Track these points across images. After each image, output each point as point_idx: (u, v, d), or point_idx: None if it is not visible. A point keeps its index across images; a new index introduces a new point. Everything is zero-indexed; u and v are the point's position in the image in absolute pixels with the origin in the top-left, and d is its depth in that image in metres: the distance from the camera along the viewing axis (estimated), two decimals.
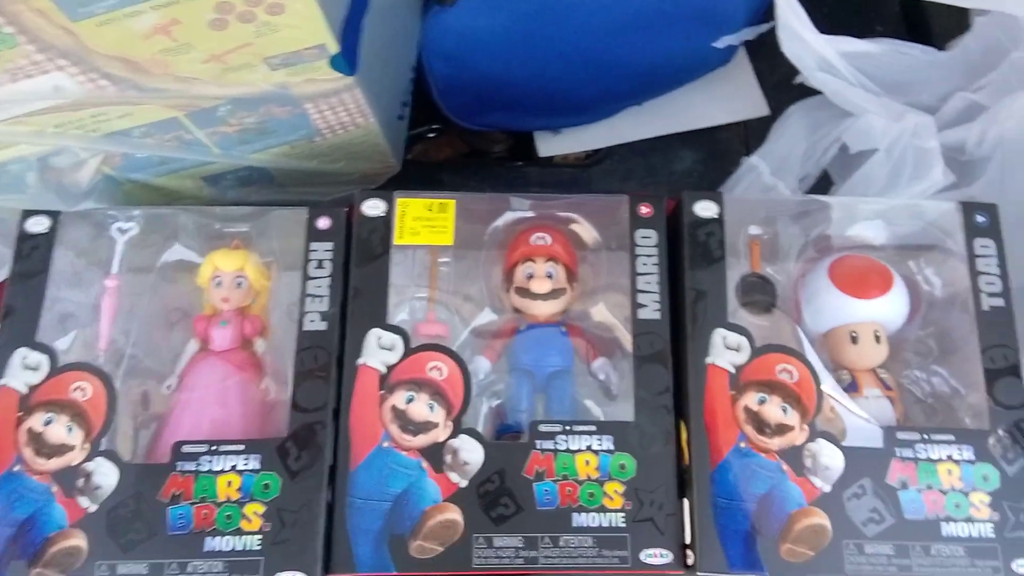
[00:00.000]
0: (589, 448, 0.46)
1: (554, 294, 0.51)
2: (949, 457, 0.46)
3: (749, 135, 0.70)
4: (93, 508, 0.44)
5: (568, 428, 0.47)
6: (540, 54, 0.61)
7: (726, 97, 0.71)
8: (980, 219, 0.51)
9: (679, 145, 0.71)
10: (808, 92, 0.64)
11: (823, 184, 0.65)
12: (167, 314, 0.51)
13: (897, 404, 0.50)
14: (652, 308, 0.49)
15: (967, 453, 0.46)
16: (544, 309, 0.51)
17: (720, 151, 0.70)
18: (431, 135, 0.71)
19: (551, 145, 0.70)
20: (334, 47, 0.41)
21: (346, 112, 0.48)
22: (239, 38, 0.39)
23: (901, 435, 0.46)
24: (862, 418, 0.47)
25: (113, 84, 0.41)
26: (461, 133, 0.72)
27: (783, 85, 0.66)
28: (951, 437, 0.46)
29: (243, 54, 0.40)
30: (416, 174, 0.64)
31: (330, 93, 0.45)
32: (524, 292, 0.51)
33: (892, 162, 0.60)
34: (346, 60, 0.42)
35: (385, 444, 0.46)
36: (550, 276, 0.51)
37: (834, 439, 0.46)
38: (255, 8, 0.37)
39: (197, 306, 0.51)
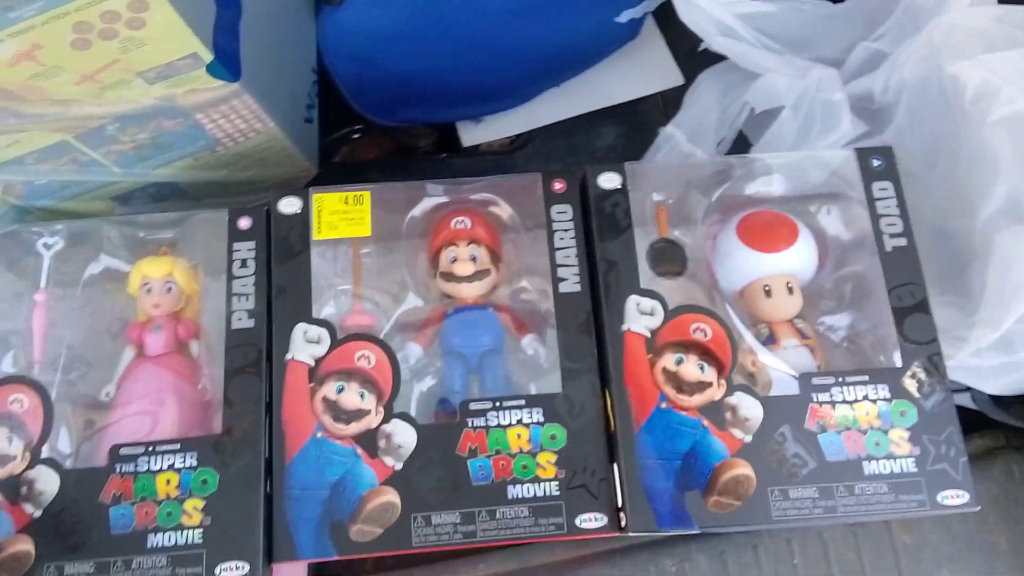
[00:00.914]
0: (520, 422, 0.48)
1: (479, 275, 0.52)
2: (865, 397, 0.48)
3: (668, 105, 0.72)
4: (38, 513, 0.45)
5: (498, 404, 0.48)
6: (442, 45, 0.62)
7: (640, 70, 0.73)
8: (876, 163, 0.53)
9: (600, 122, 0.72)
10: (720, 58, 0.66)
11: (741, 146, 0.66)
12: (105, 324, 0.52)
13: (817, 352, 0.51)
14: (572, 281, 0.51)
15: (883, 392, 0.48)
16: (470, 291, 0.52)
17: (640, 124, 0.71)
18: (355, 136, 0.72)
19: (474, 134, 0.72)
20: (207, 55, 0.41)
21: (241, 119, 0.49)
22: (106, 56, 0.39)
23: (816, 380, 0.48)
24: (778, 369, 0.49)
25: None
26: (386, 131, 0.73)
27: (695, 53, 0.67)
28: (866, 378, 0.48)
29: (115, 71, 0.40)
30: (343, 176, 0.65)
31: (218, 101, 0.46)
32: (449, 276, 0.52)
33: (801, 117, 0.62)
34: (224, 67, 0.43)
35: (319, 434, 0.47)
36: (474, 259, 0.52)
37: (752, 391, 0.48)
38: (115, 24, 0.38)
39: (133, 314, 0.52)
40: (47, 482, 0.45)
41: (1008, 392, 0.56)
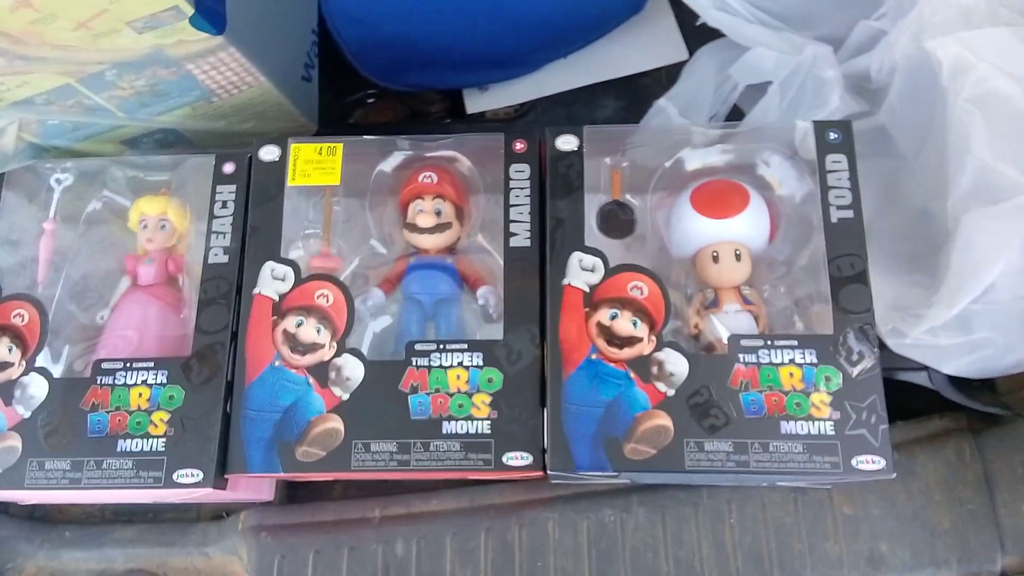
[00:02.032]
0: (460, 364, 0.51)
1: (440, 228, 0.55)
2: (791, 361, 0.49)
3: (670, 80, 0.72)
4: (27, 414, 0.51)
5: (442, 347, 0.51)
6: (447, 12, 0.65)
7: (646, 44, 0.74)
8: (833, 136, 0.53)
9: (602, 94, 0.74)
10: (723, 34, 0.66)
11: (735, 120, 0.67)
12: (105, 255, 0.58)
13: (761, 318, 0.52)
14: (523, 236, 0.53)
15: (810, 357, 0.49)
16: (431, 242, 0.56)
17: (641, 97, 0.73)
18: (370, 100, 0.76)
19: (479, 102, 0.75)
20: (188, 8, 0.45)
21: (231, 71, 0.53)
22: (96, 5, 0.43)
23: (745, 342, 0.49)
24: (713, 331, 0.50)
25: (1, 56, 0.46)
26: (400, 97, 0.77)
27: (702, 29, 0.68)
28: (795, 342, 0.49)
29: (105, 20, 0.45)
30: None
31: (205, 53, 0.50)
32: (413, 227, 0.55)
33: (791, 93, 0.62)
34: (207, 19, 0.47)
35: (277, 363, 0.52)
36: (438, 213, 0.56)
37: (680, 348, 0.49)
38: None
39: (132, 248, 0.58)
40: (38, 387, 0.52)
41: (967, 374, 0.55)
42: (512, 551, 0.56)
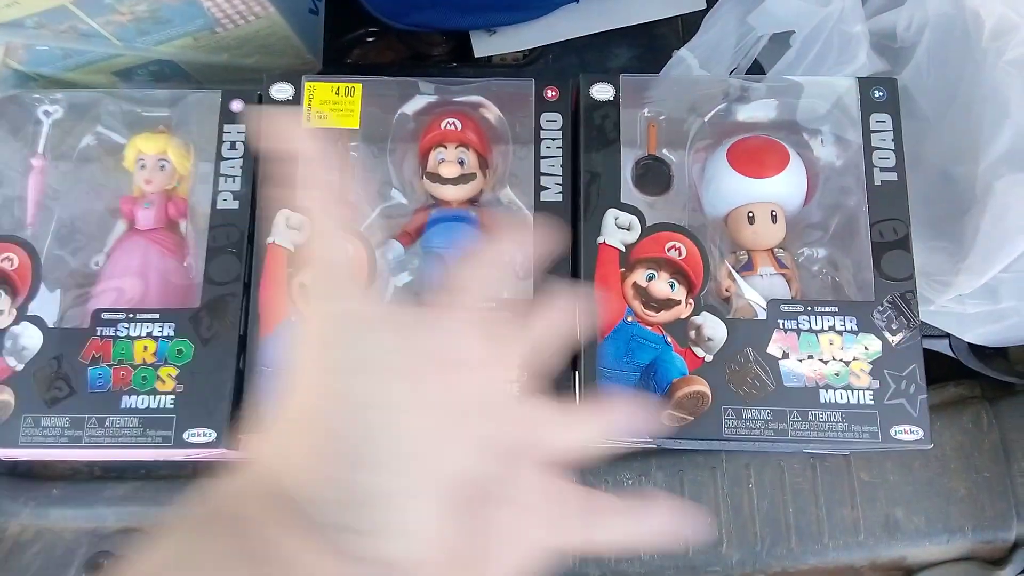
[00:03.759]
0: None
1: (464, 179, 0.52)
2: (831, 328, 0.48)
3: (685, 29, 0.70)
4: (20, 367, 0.47)
5: None
6: None
7: None
8: (878, 94, 0.52)
9: (615, 42, 0.71)
10: None
11: (755, 74, 0.65)
12: (99, 195, 0.53)
13: (793, 282, 0.51)
14: (554, 191, 0.51)
15: (850, 324, 0.48)
16: (454, 194, 0.53)
17: (656, 46, 0.70)
18: (369, 39, 0.72)
19: (487, 45, 0.71)
20: None
21: (240, 0, 0.49)
22: None
23: (785, 307, 0.48)
24: (749, 295, 0.49)
25: None
26: (400, 36, 0.72)
27: None
28: (835, 309, 0.48)
29: None
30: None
31: None
32: (435, 177, 0.52)
33: (816, 47, 0.60)
34: None
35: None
36: (461, 162, 0.53)
37: (718, 312, 0.48)
38: None
39: (128, 188, 0.54)
40: (31, 338, 0.47)
41: (988, 342, 0.55)
42: None
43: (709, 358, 0.47)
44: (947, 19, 0.58)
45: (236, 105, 0.51)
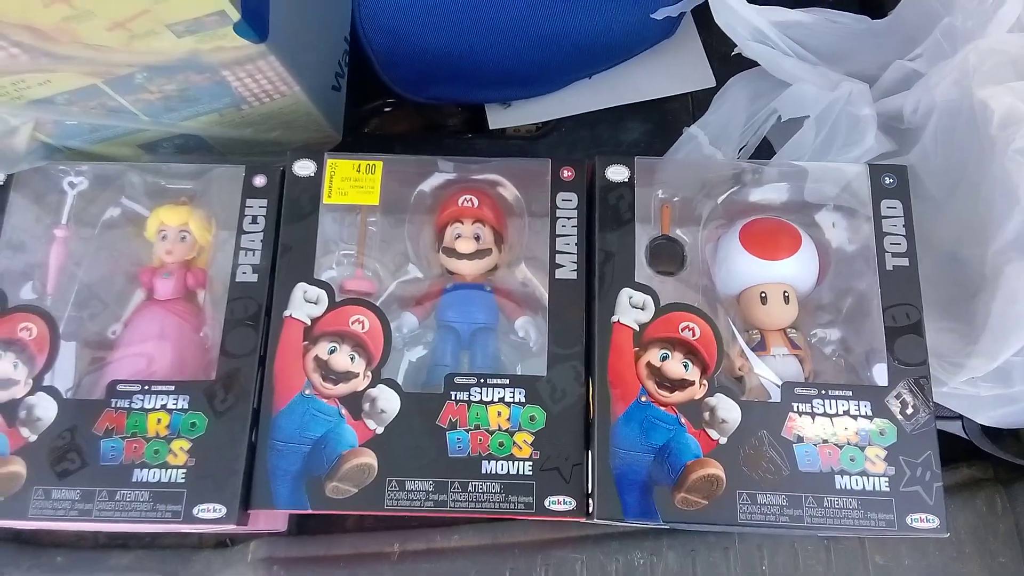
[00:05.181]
0: (502, 400, 0.49)
1: (479, 254, 0.53)
2: (846, 412, 0.48)
3: (696, 106, 0.72)
4: (33, 438, 0.47)
5: (482, 380, 0.49)
6: (481, 27, 0.62)
7: (673, 69, 0.73)
8: (888, 181, 0.53)
9: (627, 117, 0.72)
10: (753, 64, 0.66)
11: (765, 154, 0.66)
12: (119, 265, 0.54)
13: (806, 363, 0.51)
14: (569, 268, 0.51)
15: (865, 408, 0.48)
16: (470, 268, 0.53)
17: (667, 122, 0.72)
18: (387, 109, 0.73)
19: (501, 118, 0.72)
20: (235, 14, 0.42)
21: (267, 80, 0.50)
22: (138, 4, 0.40)
23: (799, 390, 0.48)
24: (763, 375, 0.49)
25: (24, 52, 0.43)
26: (417, 107, 0.74)
27: (729, 57, 0.67)
28: (849, 393, 0.48)
29: (145, 21, 0.42)
30: (370, 147, 0.66)
31: (244, 60, 0.47)
32: (451, 252, 0.53)
33: (825, 129, 0.61)
34: (251, 26, 0.44)
35: (307, 392, 0.49)
36: (477, 238, 0.53)
37: (732, 394, 0.48)
38: None
39: (148, 259, 0.54)
40: (46, 409, 0.48)
41: (1000, 424, 0.55)
42: None
43: (723, 440, 0.47)
44: (954, 105, 0.59)
45: (259, 180, 0.52)
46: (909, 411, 0.48)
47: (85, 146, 0.54)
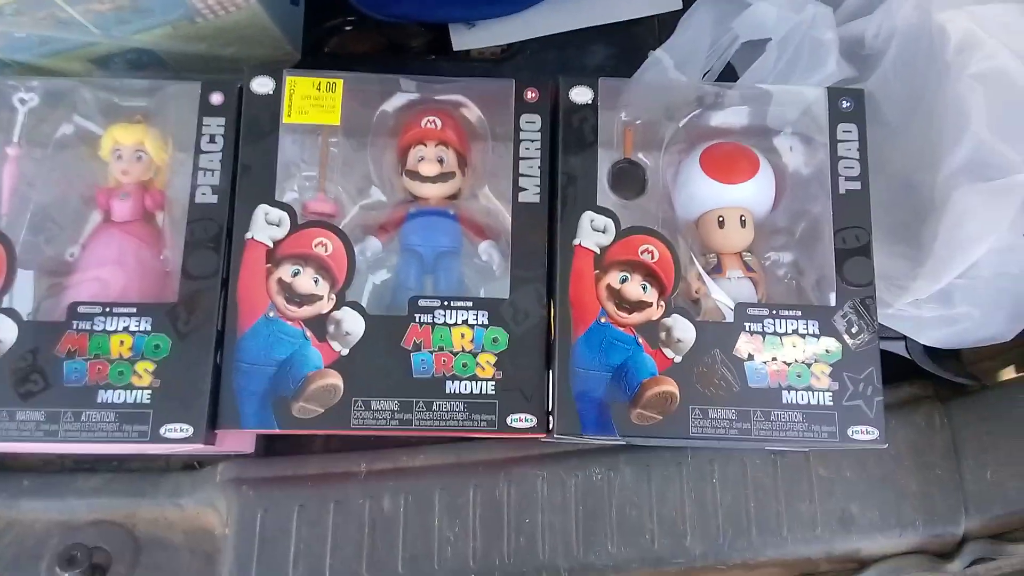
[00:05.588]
0: (465, 322, 0.50)
1: (443, 177, 0.53)
2: (795, 331, 0.49)
3: (662, 30, 0.71)
4: None
5: (446, 303, 0.50)
6: None
7: None
8: (846, 104, 0.53)
9: (593, 40, 0.71)
10: None
11: (729, 78, 0.66)
12: (74, 186, 0.53)
13: (760, 286, 0.53)
14: (532, 192, 0.52)
15: (813, 328, 0.50)
16: (433, 191, 0.53)
17: (633, 46, 0.71)
18: (347, 28, 0.72)
19: (465, 39, 0.71)
20: None
21: None
22: None
23: (751, 311, 0.50)
24: (717, 298, 0.51)
25: None
26: (378, 27, 0.72)
27: None
28: (799, 313, 0.50)
29: None
30: (331, 67, 0.65)
31: None
32: (414, 175, 0.53)
33: (788, 53, 0.62)
34: None
35: (271, 314, 0.49)
36: (440, 160, 0.53)
37: (688, 315, 0.49)
38: None
39: (103, 179, 0.53)
40: (5, 331, 0.47)
41: (942, 344, 0.58)
42: (500, 507, 0.56)
43: (678, 359, 0.49)
44: (914, 30, 0.59)
45: (216, 98, 0.51)
46: (854, 330, 0.50)
47: (35, 60, 0.53)
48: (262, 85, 0.52)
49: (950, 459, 0.57)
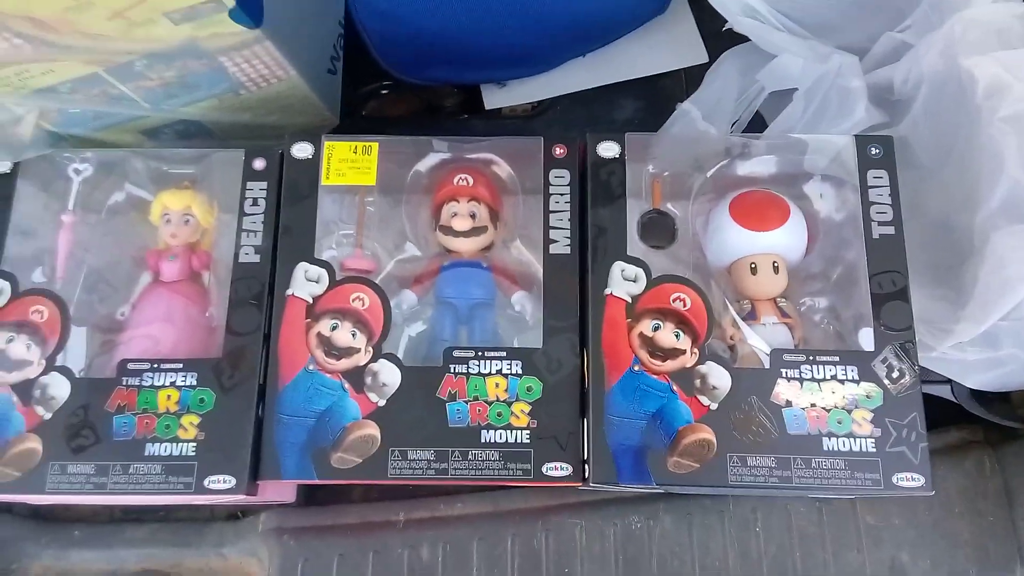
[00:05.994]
0: (499, 372, 0.50)
1: (475, 232, 0.54)
2: (834, 377, 0.49)
3: (689, 82, 0.73)
4: (48, 416, 0.49)
5: (480, 354, 0.51)
6: (475, 7, 0.63)
7: (666, 45, 0.74)
8: (875, 151, 0.54)
9: (621, 94, 0.73)
10: (746, 39, 0.66)
11: (757, 129, 0.67)
12: (125, 249, 0.56)
13: (796, 330, 0.52)
14: (563, 243, 0.53)
15: (852, 373, 0.49)
16: (466, 246, 0.55)
17: (661, 99, 0.72)
18: (384, 92, 0.74)
19: (497, 98, 0.73)
20: (230, 0, 0.44)
21: (263, 65, 0.51)
22: None
23: (787, 357, 0.49)
24: (753, 344, 0.50)
25: (27, 43, 0.44)
26: (414, 89, 0.75)
27: (721, 33, 0.68)
28: (836, 358, 0.49)
29: (143, 10, 0.43)
30: (368, 130, 0.68)
31: (240, 46, 0.48)
32: (448, 230, 0.54)
33: (816, 102, 0.62)
34: (246, 12, 0.45)
35: (311, 367, 0.50)
36: (473, 215, 0.55)
37: (723, 361, 0.49)
38: None
39: (153, 242, 0.56)
40: (59, 388, 0.49)
41: (988, 388, 0.56)
42: (539, 557, 0.56)
43: (714, 406, 0.49)
44: (941, 75, 0.60)
45: (259, 163, 0.54)
46: (895, 375, 0.49)
47: (88, 133, 0.56)
48: (302, 150, 0.54)
49: (1002, 505, 0.55)
